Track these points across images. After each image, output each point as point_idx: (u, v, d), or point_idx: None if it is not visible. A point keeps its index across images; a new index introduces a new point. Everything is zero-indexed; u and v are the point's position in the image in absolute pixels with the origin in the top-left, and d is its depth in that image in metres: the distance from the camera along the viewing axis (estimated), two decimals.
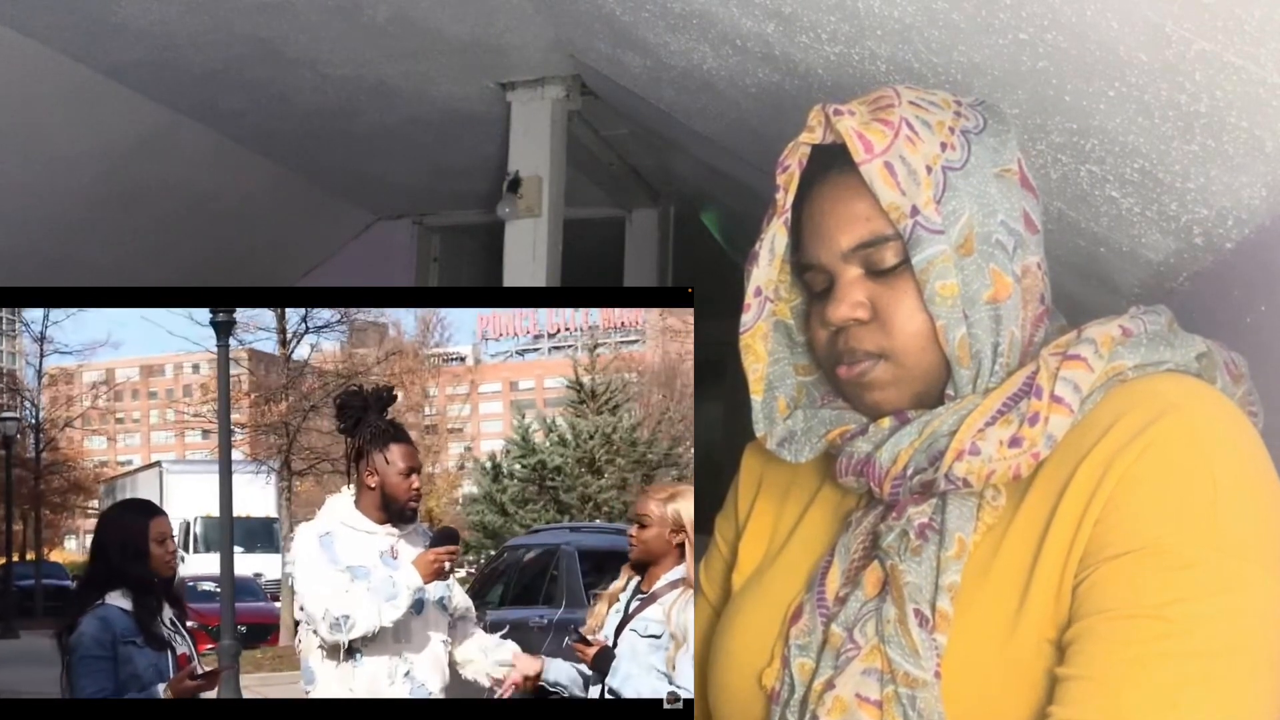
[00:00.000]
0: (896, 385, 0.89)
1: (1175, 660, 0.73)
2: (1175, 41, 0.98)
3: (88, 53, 2.51)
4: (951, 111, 0.90)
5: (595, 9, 2.02)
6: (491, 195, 3.01)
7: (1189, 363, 0.87)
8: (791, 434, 0.96)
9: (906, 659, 0.81)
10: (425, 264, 4.03)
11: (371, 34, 2.41)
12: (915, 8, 1.23)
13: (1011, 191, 0.89)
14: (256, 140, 3.16)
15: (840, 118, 0.88)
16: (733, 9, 1.57)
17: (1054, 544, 0.81)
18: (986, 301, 0.86)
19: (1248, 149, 1.05)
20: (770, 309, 0.95)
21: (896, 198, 0.86)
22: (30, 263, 2.98)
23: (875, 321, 0.89)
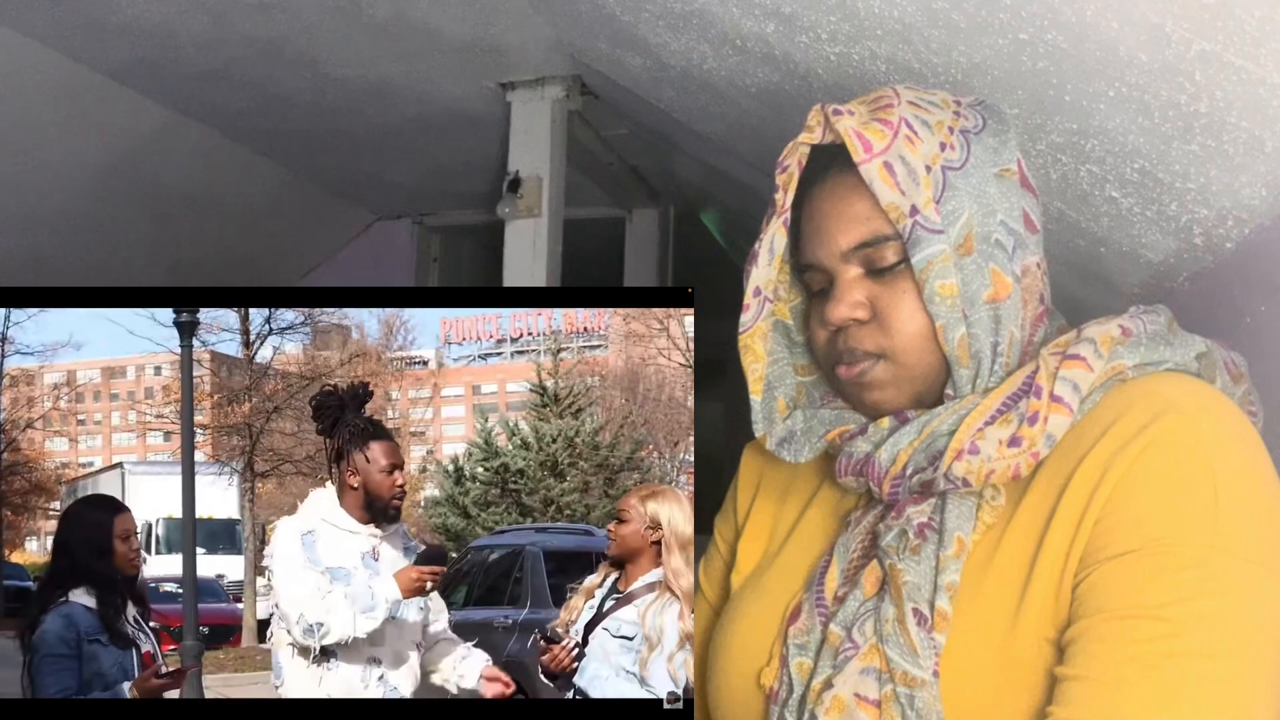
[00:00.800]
0: (896, 385, 0.89)
1: (1175, 660, 0.73)
2: (1175, 41, 0.98)
3: (88, 53, 2.51)
4: (951, 111, 0.90)
5: (595, 9, 2.02)
6: (491, 195, 3.01)
7: (1189, 362, 0.87)
8: (791, 434, 0.96)
9: (905, 658, 0.81)
10: (425, 264, 4.03)
11: (371, 34, 2.41)
12: (915, 8, 1.23)
13: (1011, 191, 0.89)
14: (256, 140, 3.16)
15: (839, 118, 0.88)
16: (733, 9, 1.57)
17: (1053, 543, 0.81)
18: (986, 301, 0.87)
19: (1248, 149, 1.04)
20: (770, 309, 0.95)
21: (896, 197, 0.86)
22: (30, 263, 2.98)
23: (875, 321, 0.89)
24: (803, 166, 0.91)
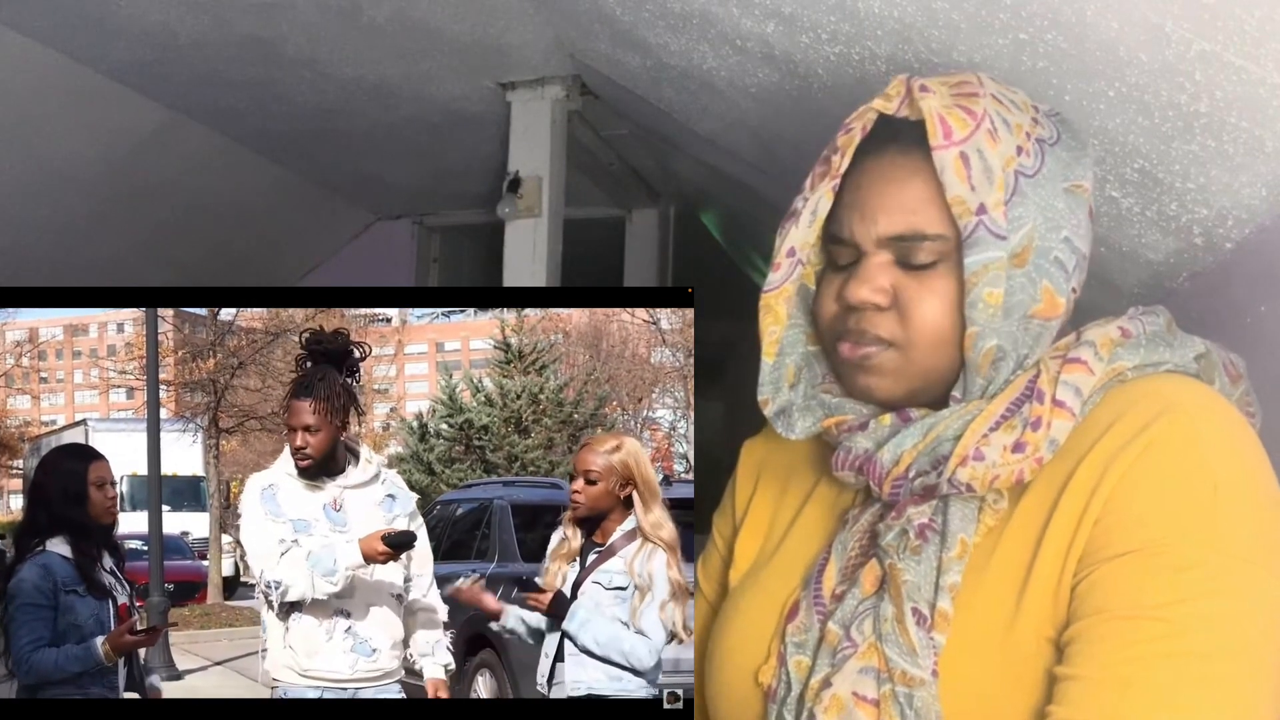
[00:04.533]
0: (895, 376, 0.88)
1: (1174, 661, 0.73)
2: (1175, 41, 0.98)
3: (88, 53, 2.51)
4: (1030, 117, 0.87)
5: (595, 9, 2.02)
6: (491, 195, 3.01)
7: (1188, 363, 0.87)
8: (789, 406, 0.94)
9: (904, 657, 0.81)
10: (425, 264, 4.03)
11: (371, 34, 2.41)
12: (915, 8, 1.23)
13: (1079, 208, 0.86)
14: (256, 140, 3.16)
15: (925, 95, 0.84)
16: (733, 9, 1.57)
17: (1053, 543, 0.81)
18: (1028, 316, 0.85)
19: (1248, 149, 1.04)
20: (800, 272, 0.92)
21: (965, 191, 0.82)
22: (30, 262, 2.98)
23: (893, 310, 0.86)
24: (866, 133, 0.88)
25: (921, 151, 0.84)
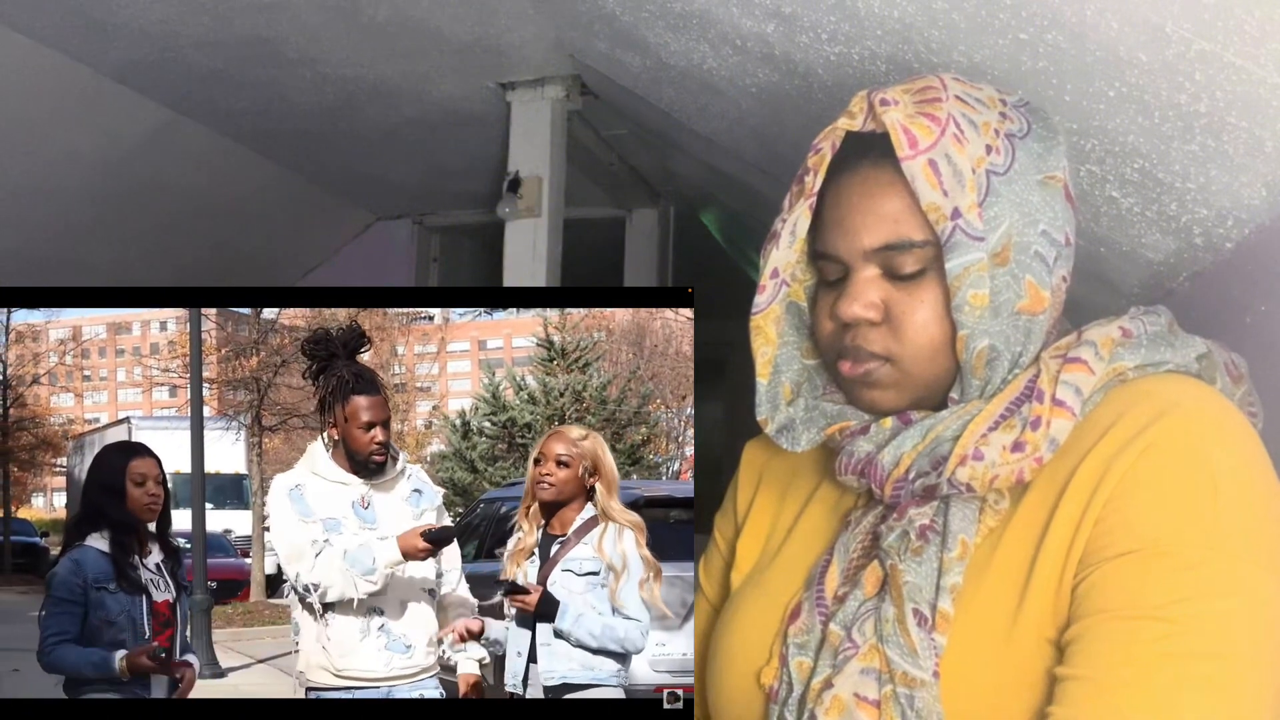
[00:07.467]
0: (897, 388, 0.88)
1: (1176, 661, 0.73)
2: (1175, 41, 0.98)
3: (88, 53, 2.51)
4: (997, 112, 0.87)
5: (595, 9, 2.02)
6: (491, 195, 3.01)
7: (1189, 363, 0.87)
8: (791, 421, 0.95)
9: (905, 658, 0.81)
10: (425, 264, 4.03)
11: (371, 34, 2.41)
12: (915, 8, 1.23)
13: (1054, 199, 0.86)
14: (256, 140, 3.16)
15: (886, 109, 0.84)
16: (733, 9, 1.57)
17: (1053, 543, 0.80)
18: (1016, 312, 0.85)
19: (1248, 149, 1.05)
20: (785, 292, 0.93)
21: (938, 198, 0.83)
22: (30, 263, 2.98)
23: (886, 324, 0.87)
24: (836, 150, 0.88)
25: (894, 163, 0.84)
